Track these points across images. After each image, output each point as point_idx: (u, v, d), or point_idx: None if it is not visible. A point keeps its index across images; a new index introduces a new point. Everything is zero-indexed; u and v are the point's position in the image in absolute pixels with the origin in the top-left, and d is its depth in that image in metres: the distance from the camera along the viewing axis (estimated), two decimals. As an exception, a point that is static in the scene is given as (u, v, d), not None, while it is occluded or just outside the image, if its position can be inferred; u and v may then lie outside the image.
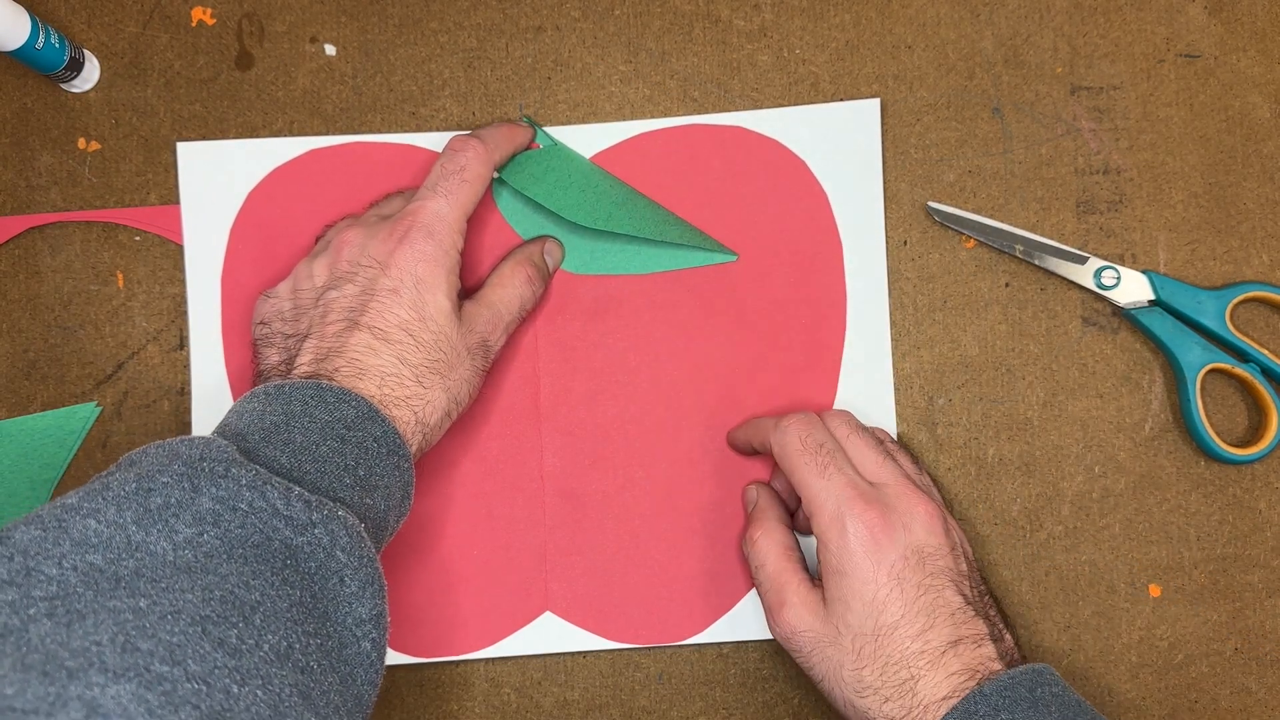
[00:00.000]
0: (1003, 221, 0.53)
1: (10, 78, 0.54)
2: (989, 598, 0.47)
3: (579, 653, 0.53)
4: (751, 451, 0.52)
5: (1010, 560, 0.52)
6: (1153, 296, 0.52)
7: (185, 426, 0.53)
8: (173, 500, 0.37)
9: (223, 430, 0.42)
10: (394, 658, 0.52)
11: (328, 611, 0.39)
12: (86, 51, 0.53)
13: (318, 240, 0.52)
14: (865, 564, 0.44)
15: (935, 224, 0.53)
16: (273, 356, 0.48)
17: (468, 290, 0.51)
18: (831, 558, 0.45)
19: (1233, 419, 0.53)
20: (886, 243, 0.53)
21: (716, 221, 0.53)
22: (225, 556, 0.37)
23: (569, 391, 0.53)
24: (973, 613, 0.44)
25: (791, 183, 0.53)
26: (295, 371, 0.45)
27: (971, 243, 0.53)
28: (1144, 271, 0.52)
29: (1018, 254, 0.52)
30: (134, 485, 0.37)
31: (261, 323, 0.49)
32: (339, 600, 0.39)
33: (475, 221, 0.53)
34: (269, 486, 0.38)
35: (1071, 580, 0.52)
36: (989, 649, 0.44)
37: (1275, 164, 0.53)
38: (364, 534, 0.40)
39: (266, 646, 0.35)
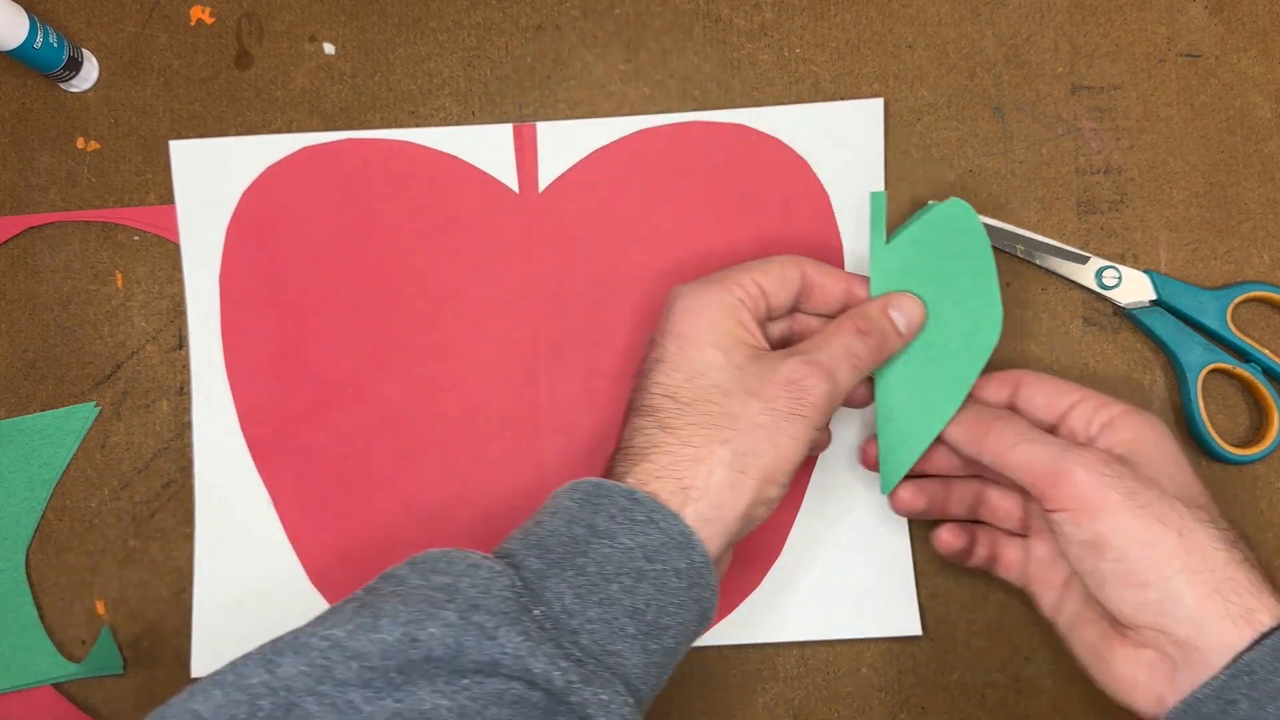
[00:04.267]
0: (1003, 221, 0.53)
1: (9, 77, 0.54)
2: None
3: (579, 653, 0.52)
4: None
5: (1011, 560, 0.52)
6: (1154, 296, 0.51)
7: (185, 427, 0.53)
8: (435, 654, 0.36)
9: (534, 527, 0.41)
10: (394, 658, 0.52)
11: None
12: (85, 51, 0.53)
13: None
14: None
15: (936, 224, 0.53)
16: None
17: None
18: None
19: (1234, 419, 0.52)
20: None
21: (717, 219, 0.53)
22: (477, 717, 0.36)
23: (569, 391, 0.53)
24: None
25: (793, 181, 0.53)
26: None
27: (972, 242, 0.53)
28: (1145, 271, 0.52)
29: (1018, 254, 0.52)
30: (401, 631, 0.36)
31: None
32: None
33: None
34: (533, 657, 0.37)
35: (1072, 580, 0.52)
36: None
37: (1276, 164, 0.53)
38: (631, 714, 0.38)
39: None
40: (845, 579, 0.52)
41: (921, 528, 0.52)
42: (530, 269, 0.53)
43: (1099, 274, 0.52)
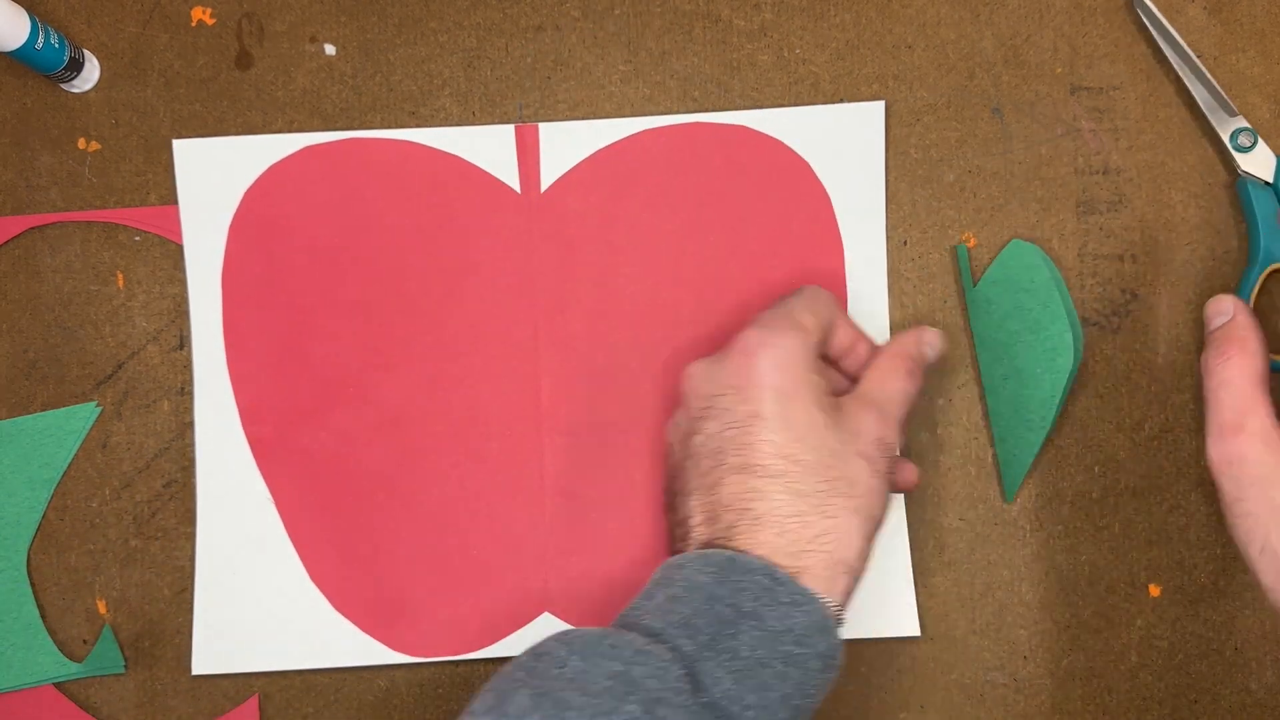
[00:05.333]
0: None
1: (10, 78, 0.54)
2: None
3: (579, 652, 0.53)
4: None
5: (1010, 560, 0.52)
6: (1271, 180, 0.51)
7: (186, 426, 0.53)
8: None
9: (671, 605, 0.40)
10: (394, 657, 0.52)
11: None
12: (86, 51, 0.53)
13: None
14: None
15: (935, 224, 0.53)
16: (671, 517, 0.45)
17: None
18: None
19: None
20: (887, 243, 0.53)
21: (717, 220, 0.53)
22: None
23: (569, 391, 0.53)
24: None
25: (794, 183, 0.53)
26: (692, 535, 0.42)
27: (973, 241, 0.53)
28: (1278, 156, 0.51)
29: (1184, 76, 0.52)
30: (589, 715, 0.35)
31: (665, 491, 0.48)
32: None
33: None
34: None
35: (1071, 580, 0.52)
36: None
37: (1275, 164, 0.53)
38: None
39: None
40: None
41: (919, 529, 0.52)
42: (532, 269, 0.53)
43: (1236, 134, 0.51)
